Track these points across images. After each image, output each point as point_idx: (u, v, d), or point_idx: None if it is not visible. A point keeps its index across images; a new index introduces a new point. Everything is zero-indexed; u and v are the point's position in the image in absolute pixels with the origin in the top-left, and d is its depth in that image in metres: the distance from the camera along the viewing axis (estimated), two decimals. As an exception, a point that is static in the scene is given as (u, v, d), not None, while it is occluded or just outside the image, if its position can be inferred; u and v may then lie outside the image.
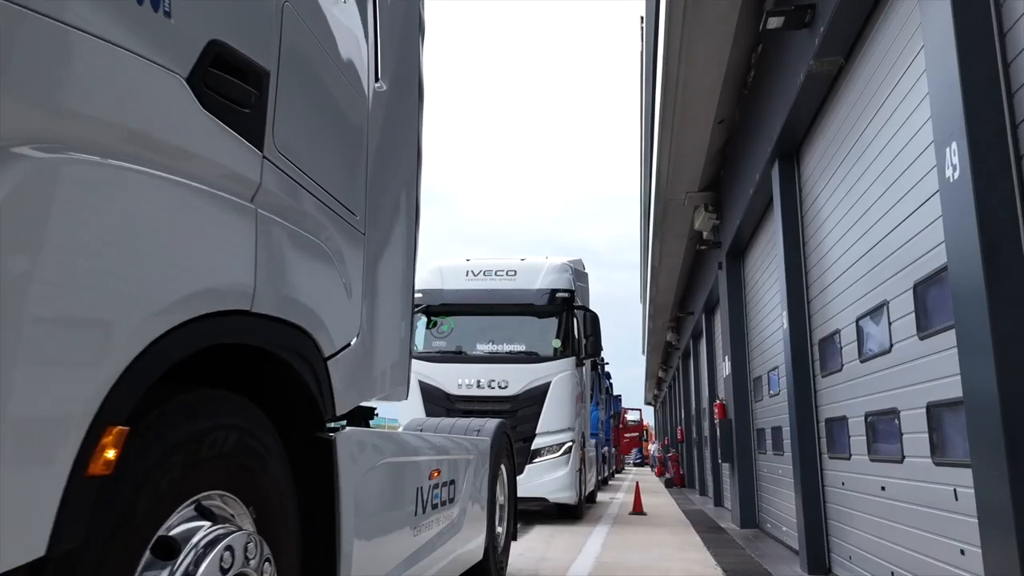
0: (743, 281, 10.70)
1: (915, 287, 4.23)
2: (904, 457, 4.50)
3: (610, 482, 24.24)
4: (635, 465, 46.35)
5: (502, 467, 5.66)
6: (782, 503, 8.48)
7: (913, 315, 4.27)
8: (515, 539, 6.01)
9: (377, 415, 5.04)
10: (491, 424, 5.40)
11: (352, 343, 2.54)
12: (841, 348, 5.83)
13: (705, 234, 11.66)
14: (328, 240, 2.37)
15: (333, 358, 2.36)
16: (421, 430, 5.36)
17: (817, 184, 6.54)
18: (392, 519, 2.90)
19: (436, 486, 3.55)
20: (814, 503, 6.61)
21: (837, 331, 5.94)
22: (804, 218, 7.02)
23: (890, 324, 4.68)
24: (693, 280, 16.83)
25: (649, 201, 13.21)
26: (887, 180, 4.68)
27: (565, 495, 10.09)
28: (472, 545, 4.47)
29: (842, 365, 5.82)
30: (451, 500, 3.87)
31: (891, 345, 4.67)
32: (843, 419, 5.82)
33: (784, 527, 8.35)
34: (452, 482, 3.89)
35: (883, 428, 4.92)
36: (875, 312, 5.00)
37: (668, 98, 8.47)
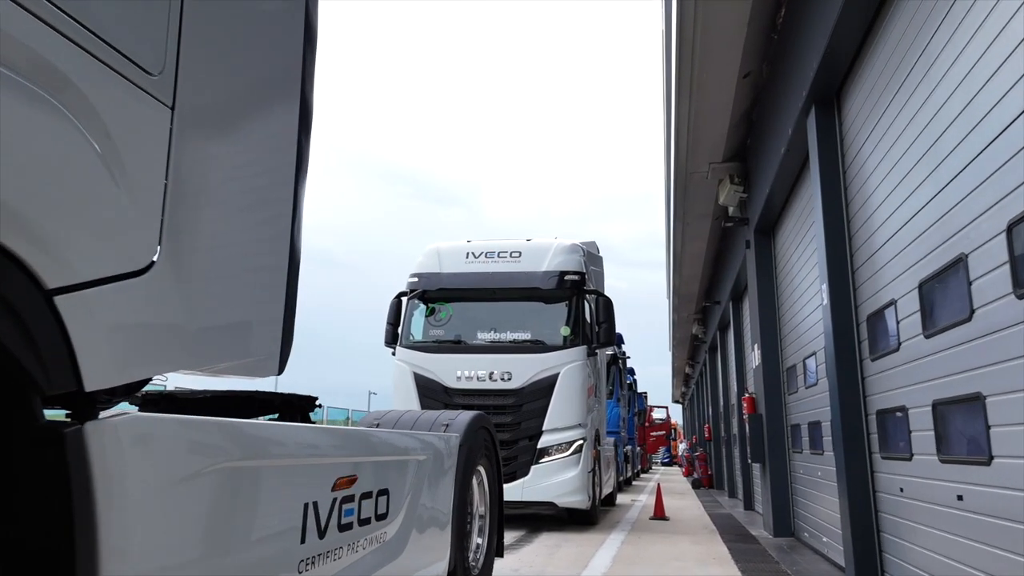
0: (773, 260, 9.56)
1: (1010, 229, 3.15)
2: (992, 458, 3.41)
3: (634, 483, 23.12)
4: (663, 464, 45.07)
5: (480, 468, 4.66)
6: (822, 509, 7.36)
7: (1007, 267, 3.19)
8: (500, 555, 5.00)
9: (320, 406, 4.08)
10: (464, 417, 4.41)
11: (135, 273, 1.56)
12: (898, 322, 4.73)
13: (731, 210, 10.53)
14: (68, 95, 1.39)
15: (68, 293, 1.39)
16: (378, 424, 4.39)
17: (862, 130, 5.45)
18: (241, 559, 1.91)
19: (349, 498, 2.57)
20: (863, 512, 5.51)
21: (892, 302, 4.84)
22: (846, 173, 5.92)
23: (969, 284, 3.60)
24: (719, 266, 15.67)
25: (670, 178, 12.11)
26: (966, 94, 3.59)
27: (575, 499, 9.06)
28: (427, 571, 3.49)
29: (899, 344, 4.72)
30: (382, 515, 2.89)
31: (971, 311, 3.59)
32: (901, 410, 4.72)
33: (825, 537, 7.23)
34: (383, 491, 2.91)
35: (960, 420, 3.83)
36: (947, 271, 3.91)
37: (685, 46, 7.39)
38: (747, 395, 10.63)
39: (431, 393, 9.43)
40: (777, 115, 7.56)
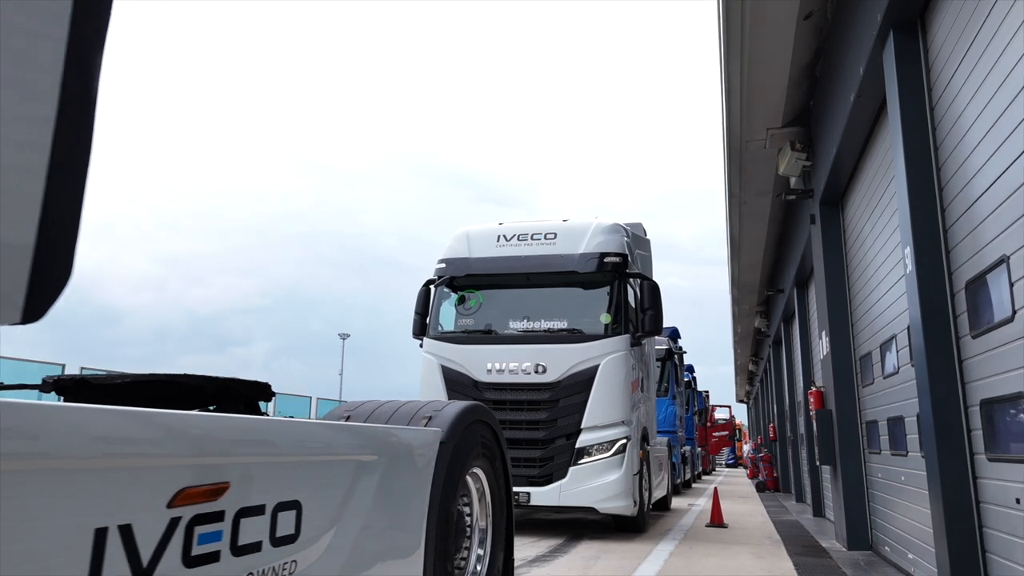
0: (843, 234, 8.42)
1: None
2: None
3: (694, 485, 21.87)
4: (728, 466, 43.41)
5: (477, 472, 3.81)
6: (907, 521, 6.24)
7: None
8: (510, 573, 4.14)
9: (275, 393, 3.32)
10: (452, 408, 3.56)
11: None
12: (1011, 285, 3.67)
13: (793, 181, 9.42)
14: None
15: None
16: (348, 417, 3.59)
17: (955, 52, 4.38)
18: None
19: (211, 517, 1.75)
20: (963, 526, 4.44)
21: (1001, 260, 3.77)
22: (934, 111, 4.84)
23: None
24: (782, 250, 14.43)
25: (725, 152, 11.01)
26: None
27: (618, 504, 8.11)
28: (383, 606, 2.65)
29: (1013, 312, 3.66)
30: (285, 538, 2.06)
31: None
32: (1017, 399, 3.66)
33: (911, 554, 6.12)
34: (289, 505, 2.08)
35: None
36: (1089, 205, 2.87)
37: (734, -18, 6.39)
38: (814, 389, 9.47)
39: (460, 387, 8.65)
40: (845, 55, 6.47)
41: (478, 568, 3.86)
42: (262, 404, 3.28)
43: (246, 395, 3.10)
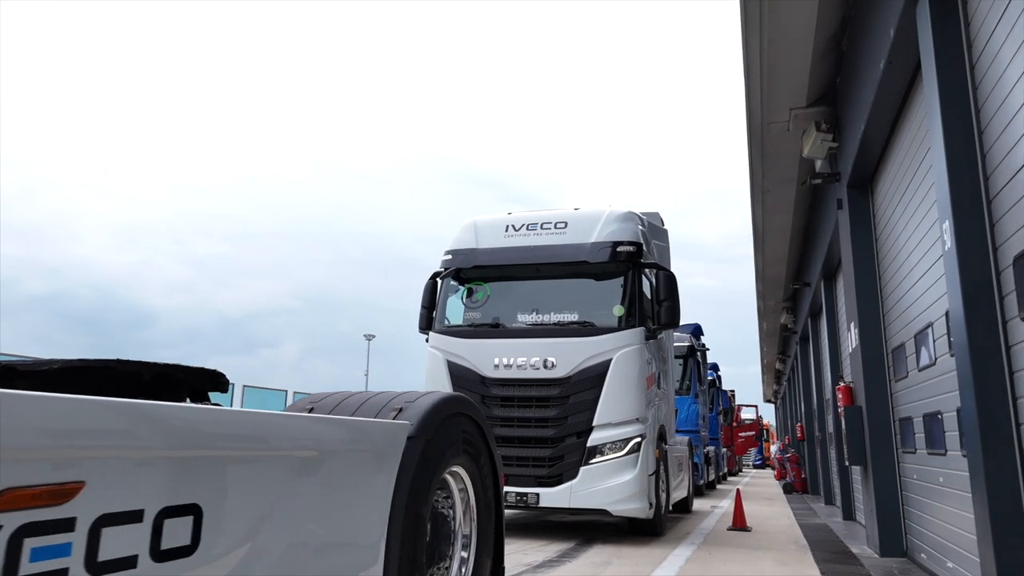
0: (872, 218, 7.88)
1: None
2: None
3: (719, 486, 21.27)
4: (755, 467, 42.57)
5: (458, 471, 3.41)
6: (945, 525, 5.72)
7: None
8: (500, 584, 3.73)
9: (228, 383, 2.96)
10: (426, 399, 3.16)
11: None
12: (1070, 256, 3.18)
13: (819, 164, 8.87)
14: None
15: None
16: (311, 409, 3.21)
17: (996, 3, 3.88)
18: None
19: (50, 526, 1.37)
20: (1013, 533, 3.94)
21: (1058, 229, 3.29)
22: (974, 71, 4.34)
23: None
24: (808, 241, 13.84)
25: (747, 137, 10.48)
26: None
27: (632, 506, 7.66)
28: (328, 627, 2.26)
29: (1073, 288, 3.17)
30: (177, 550, 1.67)
31: None
32: (1078, 387, 3.17)
33: (951, 562, 5.59)
34: (182, 509, 1.69)
35: None
36: None
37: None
38: (842, 384, 8.92)
39: (466, 383, 8.26)
40: (874, 18, 5.95)
41: (463, 574, 3.46)
42: (222, 396, 2.93)
43: (192, 384, 2.74)
